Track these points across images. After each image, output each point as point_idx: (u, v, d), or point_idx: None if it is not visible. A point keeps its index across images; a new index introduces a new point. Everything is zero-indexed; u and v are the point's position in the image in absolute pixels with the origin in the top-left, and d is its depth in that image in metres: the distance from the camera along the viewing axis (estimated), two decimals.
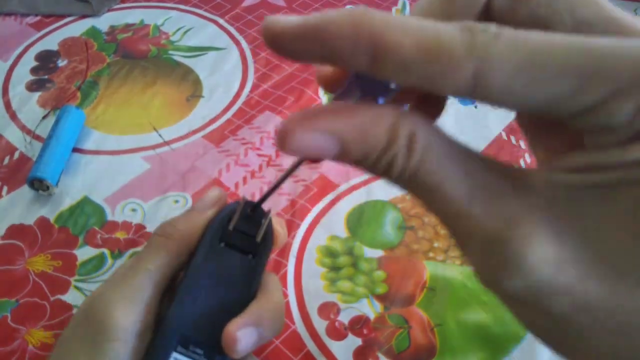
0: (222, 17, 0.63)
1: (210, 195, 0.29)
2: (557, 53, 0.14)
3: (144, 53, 0.58)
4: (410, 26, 0.14)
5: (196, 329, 0.25)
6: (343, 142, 0.16)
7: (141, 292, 0.26)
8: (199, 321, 0.26)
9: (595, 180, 0.15)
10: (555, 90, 0.14)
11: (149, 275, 0.26)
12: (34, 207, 0.44)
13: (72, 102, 0.53)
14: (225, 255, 0.27)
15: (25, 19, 0.62)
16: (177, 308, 0.26)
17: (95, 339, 0.25)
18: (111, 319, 0.25)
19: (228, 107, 0.53)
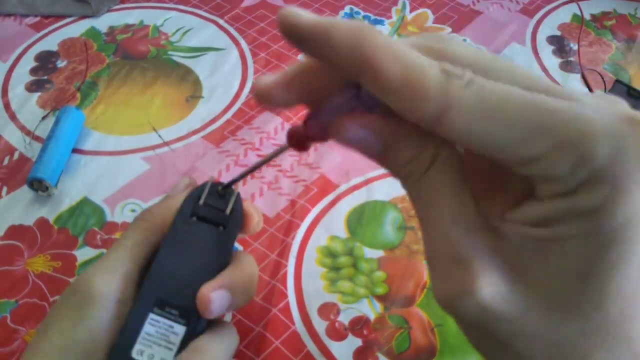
0: (221, 17, 0.63)
1: (181, 182, 0.32)
2: (512, 108, 0.16)
3: (144, 54, 0.58)
4: (401, 55, 0.17)
5: (171, 292, 0.27)
6: (384, 145, 0.19)
7: (120, 264, 0.28)
8: (174, 285, 0.27)
9: (543, 235, 0.17)
10: (506, 139, 0.16)
11: (127, 250, 0.29)
12: (33, 208, 0.44)
13: (72, 102, 0.53)
14: (197, 226, 0.29)
15: (24, 19, 0.62)
16: (153, 274, 0.28)
17: (79, 305, 0.27)
18: (93, 287, 0.27)
19: (228, 108, 0.53)
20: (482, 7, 0.65)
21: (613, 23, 0.64)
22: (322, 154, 0.49)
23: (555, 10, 0.65)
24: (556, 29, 0.63)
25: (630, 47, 0.61)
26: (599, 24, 0.64)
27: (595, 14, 0.65)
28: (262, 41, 0.60)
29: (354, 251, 0.42)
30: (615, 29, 0.63)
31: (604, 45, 0.61)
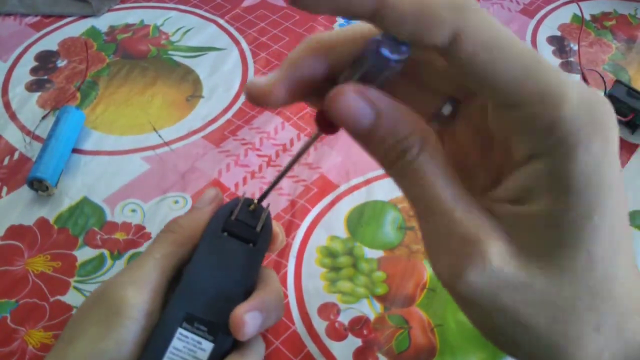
0: (222, 17, 0.63)
1: (208, 193, 0.32)
2: (512, 46, 0.18)
3: (144, 53, 0.58)
4: None
5: (201, 308, 0.27)
6: (378, 115, 0.19)
7: (149, 276, 0.28)
8: (204, 300, 0.28)
9: (524, 211, 0.19)
10: (504, 74, 0.18)
11: (155, 263, 0.29)
12: (33, 208, 0.44)
13: (72, 102, 0.53)
14: (227, 242, 0.29)
15: (24, 19, 0.62)
16: (183, 288, 0.28)
17: (107, 316, 0.26)
18: (122, 299, 0.27)
19: (228, 108, 0.53)
20: (482, 7, 0.65)
21: (613, 23, 0.64)
22: (322, 154, 0.49)
23: (555, 10, 0.65)
24: (556, 29, 0.63)
25: (630, 47, 0.61)
26: (599, 24, 0.64)
27: (595, 15, 0.65)
28: (263, 41, 0.60)
29: (354, 251, 0.42)
30: (615, 30, 0.63)
31: (604, 46, 0.61)
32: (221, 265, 0.28)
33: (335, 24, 0.62)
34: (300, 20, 0.62)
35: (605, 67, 0.58)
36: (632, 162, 0.49)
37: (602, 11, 0.66)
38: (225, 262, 0.28)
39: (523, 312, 0.19)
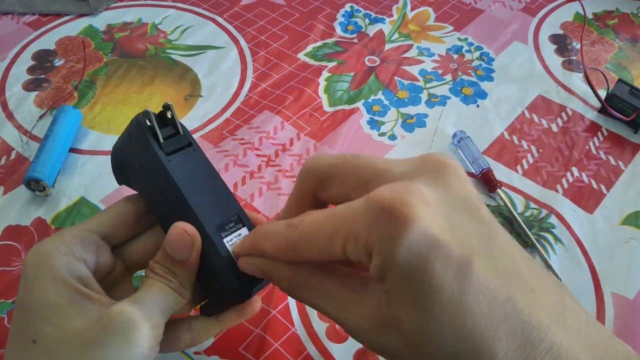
0: (220, 15, 0.62)
1: None
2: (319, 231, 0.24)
3: (142, 52, 0.58)
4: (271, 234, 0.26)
5: (218, 214, 0.29)
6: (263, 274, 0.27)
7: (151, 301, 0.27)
8: (215, 208, 0.29)
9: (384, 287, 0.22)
10: (325, 247, 0.23)
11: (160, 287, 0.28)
12: (30, 208, 0.44)
13: (69, 101, 0.52)
14: (180, 159, 0.30)
15: (22, 17, 0.61)
16: (197, 214, 0.28)
17: (120, 350, 0.25)
18: (135, 329, 0.25)
19: (227, 107, 0.52)
20: (484, 5, 0.65)
21: (615, 22, 0.63)
22: (322, 153, 0.48)
23: (557, 8, 0.65)
24: (558, 27, 0.62)
25: (633, 46, 0.61)
26: (601, 23, 0.63)
27: (598, 13, 0.65)
28: (262, 39, 0.59)
29: None
30: (618, 28, 0.63)
31: (606, 45, 0.61)
32: (196, 177, 0.30)
33: (336, 22, 0.62)
34: (300, 19, 0.62)
35: (607, 66, 0.58)
36: (635, 162, 0.49)
37: (604, 9, 0.65)
38: (194, 173, 0.30)
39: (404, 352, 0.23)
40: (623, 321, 0.38)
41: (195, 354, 0.36)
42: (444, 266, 0.20)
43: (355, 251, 0.22)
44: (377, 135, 0.50)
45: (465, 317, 0.20)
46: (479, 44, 0.60)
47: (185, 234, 0.28)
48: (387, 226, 0.21)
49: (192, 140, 0.31)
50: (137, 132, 0.30)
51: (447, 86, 0.55)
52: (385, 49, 0.59)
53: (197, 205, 0.29)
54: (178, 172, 0.29)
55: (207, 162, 0.31)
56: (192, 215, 0.28)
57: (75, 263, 0.27)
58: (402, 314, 0.22)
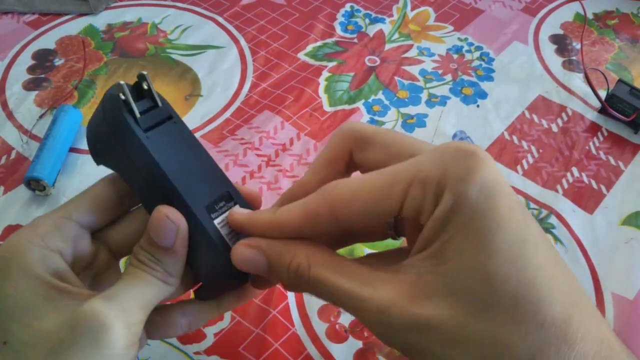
0: (220, 15, 0.62)
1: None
2: (368, 182, 0.23)
3: (142, 51, 0.58)
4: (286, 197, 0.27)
5: (207, 193, 0.27)
6: (265, 255, 0.25)
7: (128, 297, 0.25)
8: (202, 186, 0.27)
9: (426, 266, 0.22)
10: (373, 202, 0.23)
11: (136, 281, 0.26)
12: (30, 208, 0.44)
13: (69, 101, 0.52)
14: (160, 134, 0.27)
15: (22, 17, 0.61)
16: (183, 195, 0.26)
17: (93, 350, 0.23)
18: (106, 330, 0.23)
19: (227, 107, 0.52)
20: (484, 5, 0.65)
21: (616, 22, 0.63)
22: None
23: (557, 8, 0.65)
24: (559, 27, 0.62)
25: (633, 46, 0.61)
26: (601, 23, 0.63)
27: (598, 13, 0.65)
28: (262, 39, 0.59)
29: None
30: (618, 29, 0.63)
31: (606, 45, 0.61)
32: (179, 153, 0.27)
33: (336, 22, 0.62)
34: (300, 18, 0.62)
35: (607, 66, 0.58)
36: (635, 162, 0.49)
37: (604, 10, 0.65)
38: (177, 148, 0.27)
39: (443, 353, 0.21)
40: (623, 321, 0.38)
41: (195, 354, 0.36)
42: (510, 208, 0.21)
43: (422, 194, 0.22)
44: None
45: (527, 262, 0.21)
46: (479, 44, 0.60)
47: (168, 219, 0.25)
48: (465, 164, 0.21)
49: (172, 112, 0.28)
50: (110, 107, 0.27)
51: (447, 86, 0.55)
52: (386, 48, 0.59)
53: (182, 185, 0.26)
54: (158, 150, 0.26)
55: (190, 136, 0.28)
56: (177, 196, 0.26)
57: (51, 255, 0.25)
58: (462, 261, 0.21)
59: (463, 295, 0.21)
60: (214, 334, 0.37)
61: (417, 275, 0.22)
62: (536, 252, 0.21)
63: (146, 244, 0.26)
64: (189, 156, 0.27)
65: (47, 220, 0.26)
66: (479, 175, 0.21)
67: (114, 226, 0.29)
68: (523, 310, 0.20)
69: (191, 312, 0.29)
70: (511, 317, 0.20)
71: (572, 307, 0.21)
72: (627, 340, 0.37)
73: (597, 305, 0.39)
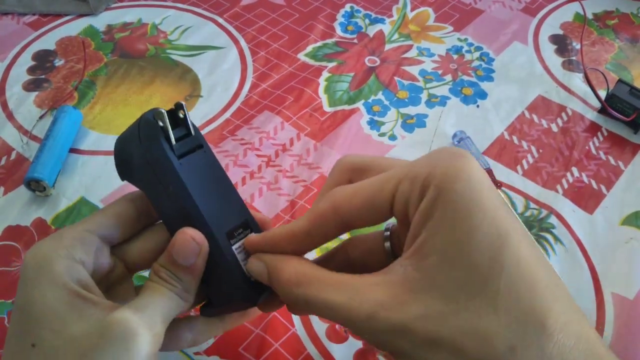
0: (220, 15, 0.62)
1: None
2: (366, 184, 0.26)
3: (142, 52, 0.58)
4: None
5: (227, 220, 0.29)
6: (268, 270, 0.27)
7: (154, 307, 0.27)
8: (224, 214, 0.29)
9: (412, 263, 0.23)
10: (368, 197, 0.25)
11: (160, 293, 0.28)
12: (30, 208, 0.44)
13: (69, 102, 0.52)
14: (191, 162, 0.29)
15: (22, 18, 0.61)
16: (207, 221, 0.28)
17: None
18: (134, 339, 0.25)
19: (227, 107, 0.52)
20: (483, 5, 0.65)
21: (616, 22, 0.64)
22: (322, 153, 0.48)
23: (557, 9, 0.65)
24: (558, 27, 0.62)
25: (633, 46, 0.61)
26: (601, 23, 0.63)
27: (598, 13, 0.65)
28: (262, 40, 0.59)
29: None
30: (618, 29, 0.63)
31: (606, 45, 0.61)
32: (205, 180, 0.29)
33: (336, 22, 0.62)
34: (300, 19, 0.62)
35: (607, 66, 0.58)
36: (635, 162, 0.49)
37: (604, 10, 0.65)
38: (204, 176, 0.29)
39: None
40: (623, 321, 0.38)
41: (195, 354, 0.36)
42: (494, 203, 0.22)
43: (410, 188, 0.23)
44: (377, 135, 0.50)
45: (510, 254, 0.21)
46: (478, 44, 0.60)
47: (193, 241, 0.27)
48: (452, 161, 0.23)
49: (203, 141, 0.30)
50: (147, 131, 0.28)
51: (447, 86, 0.55)
52: (385, 49, 0.59)
53: (207, 210, 0.28)
54: (189, 176, 0.28)
55: (217, 165, 0.30)
56: (202, 221, 0.28)
57: (75, 266, 0.27)
58: (445, 253, 0.22)
59: (445, 287, 0.21)
60: None
61: (403, 274, 0.23)
62: (519, 246, 0.22)
63: (167, 262, 0.28)
64: (215, 184, 0.29)
65: (72, 232, 0.28)
66: (464, 171, 0.22)
67: (132, 242, 0.31)
68: (505, 300, 0.21)
69: (197, 328, 0.31)
70: (493, 308, 0.21)
71: (554, 301, 0.21)
72: (627, 340, 0.37)
73: (597, 305, 0.39)
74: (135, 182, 0.30)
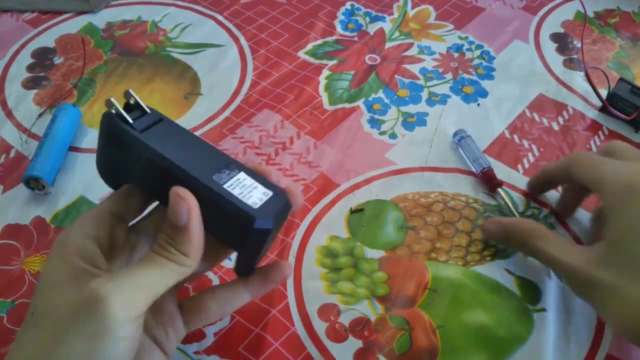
0: (220, 13, 0.62)
1: None
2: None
3: (142, 50, 0.57)
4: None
5: (212, 167, 0.30)
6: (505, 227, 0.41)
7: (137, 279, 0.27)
8: (204, 163, 0.30)
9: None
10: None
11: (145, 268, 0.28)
12: (29, 207, 0.44)
13: (69, 99, 0.52)
14: (155, 132, 0.30)
15: (21, 15, 0.61)
16: (189, 172, 0.28)
17: (95, 333, 0.25)
18: (110, 315, 0.26)
19: (227, 105, 0.52)
20: (484, 3, 0.65)
21: (617, 21, 0.63)
22: (323, 152, 0.48)
23: (558, 7, 0.65)
24: (559, 26, 0.62)
25: (634, 45, 0.60)
26: (602, 21, 0.63)
27: (599, 12, 0.64)
28: (262, 37, 0.59)
29: (355, 251, 0.41)
30: (619, 27, 0.63)
31: (607, 43, 0.60)
32: (175, 143, 0.30)
33: (336, 20, 0.61)
34: (300, 17, 0.62)
35: (608, 64, 0.58)
36: None
37: (605, 8, 0.65)
38: (173, 140, 0.30)
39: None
40: None
41: (195, 353, 0.36)
42: None
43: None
44: (377, 134, 0.50)
45: None
46: (479, 43, 0.60)
47: (179, 197, 0.28)
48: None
49: (162, 116, 0.31)
50: (106, 122, 0.30)
51: (448, 85, 0.55)
52: (386, 47, 0.59)
53: (186, 164, 0.29)
54: (157, 143, 0.29)
55: (182, 129, 0.31)
56: (185, 175, 0.28)
57: (86, 242, 0.29)
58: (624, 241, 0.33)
59: (622, 265, 0.32)
60: (213, 333, 0.37)
61: (598, 250, 0.34)
62: None
63: (166, 227, 0.28)
64: (186, 143, 0.30)
65: (89, 213, 0.31)
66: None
67: (151, 219, 0.33)
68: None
69: (221, 295, 0.32)
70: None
71: None
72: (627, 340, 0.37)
73: None
74: (122, 180, 0.32)
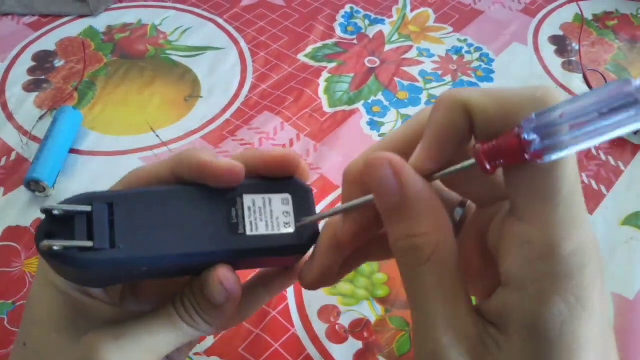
0: (220, 16, 0.62)
1: None
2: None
3: (142, 53, 0.58)
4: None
5: (215, 235, 0.24)
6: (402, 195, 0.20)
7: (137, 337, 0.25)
8: (207, 229, 0.24)
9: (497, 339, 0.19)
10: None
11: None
12: (30, 209, 0.44)
13: (69, 102, 0.52)
14: (127, 231, 0.23)
15: (22, 18, 0.61)
16: (206, 252, 0.24)
17: None
18: None
19: (227, 108, 0.52)
20: (483, 6, 0.65)
21: (615, 23, 0.64)
22: (322, 154, 0.48)
23: (557, 10, 0.65)
24: (558, 28, 0.62)
25: (632, 47, 0.61)
26: (601, 24, 0.63)
27: (597, 14, 0.65)
28: (262, 40, 0.59)
29: None
30: (618, 30, 0.63)
31: (606, 46, 0.61)
32: (157, 232, 0.23)
33: (335, 23, 0.62)
34: (300, 20, 0.62)
35: (607, 67, 0.58)
36: (635, 163, 0.49)
37: (604, 11, 0.65)
38: (150, 223, 0.23)
39: None
40: (623, 321, 0.38)
41: (195, 354, 0.36)
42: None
43: None
44: (377, 136, 0.50)
45: None
46: (478, 45, 0.60)
47: (221, 285, 0.24)
48: None
49: (108, 198, 0.23)
50: (55, 265, 0.22)
51: (447, 87, 0.55)
52: (385, 50, 0.59)
53: (196, 242, 0.24)
54: (140, 244, 0.23)
55: (142, 194, 0.24)
56: (205, 257, 0.24)
57: None
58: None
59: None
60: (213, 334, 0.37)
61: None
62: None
63: (197, 293, 0.25)
64: (166, 214, 0.24)
65: None
66: None
67: None
68: None
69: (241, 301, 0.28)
70: None
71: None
72: (627, 340, 0.37)
73: None
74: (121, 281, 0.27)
